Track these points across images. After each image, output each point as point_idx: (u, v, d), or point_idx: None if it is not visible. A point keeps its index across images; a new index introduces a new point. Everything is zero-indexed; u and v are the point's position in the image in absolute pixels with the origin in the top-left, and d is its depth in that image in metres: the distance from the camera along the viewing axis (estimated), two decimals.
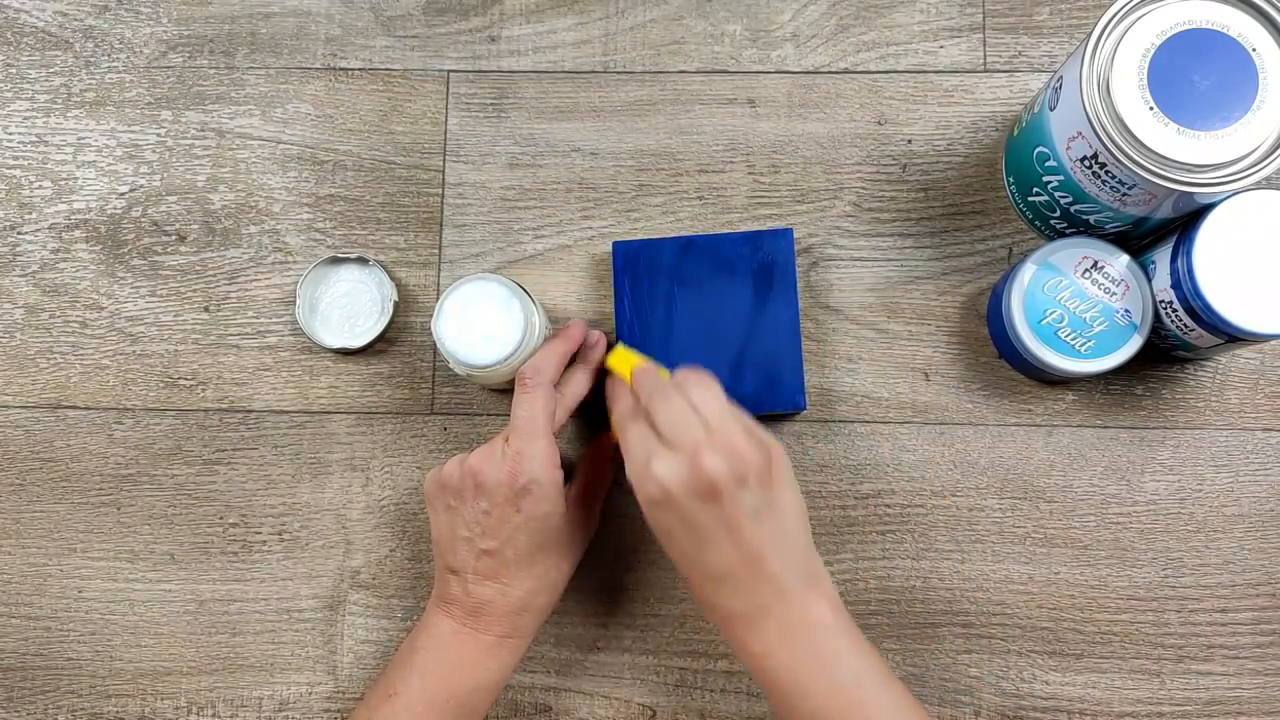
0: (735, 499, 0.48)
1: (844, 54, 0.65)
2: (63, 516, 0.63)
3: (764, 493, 0.49)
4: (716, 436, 0.48)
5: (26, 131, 0.66)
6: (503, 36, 0.66)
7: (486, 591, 0.53)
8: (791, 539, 0.50)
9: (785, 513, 0.50)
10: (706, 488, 0.47)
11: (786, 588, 0.49)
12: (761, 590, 0.49)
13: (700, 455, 0.47)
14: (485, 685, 0.54)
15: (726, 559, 0.48)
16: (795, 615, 0.49)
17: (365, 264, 0.64)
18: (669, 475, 0.48)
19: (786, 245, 0.61)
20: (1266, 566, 0.60)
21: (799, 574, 0.49)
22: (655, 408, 0.51)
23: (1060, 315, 0.57)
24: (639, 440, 0.50)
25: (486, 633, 0.53)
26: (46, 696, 0.62)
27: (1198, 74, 0.51)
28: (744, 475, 0.48)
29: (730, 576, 0.49)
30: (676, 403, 0.50)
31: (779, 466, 0.50)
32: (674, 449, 0.49)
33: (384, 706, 0.53)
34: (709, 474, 0.47)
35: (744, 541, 0.48)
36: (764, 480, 0.49)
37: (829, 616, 0.49)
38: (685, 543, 0.49)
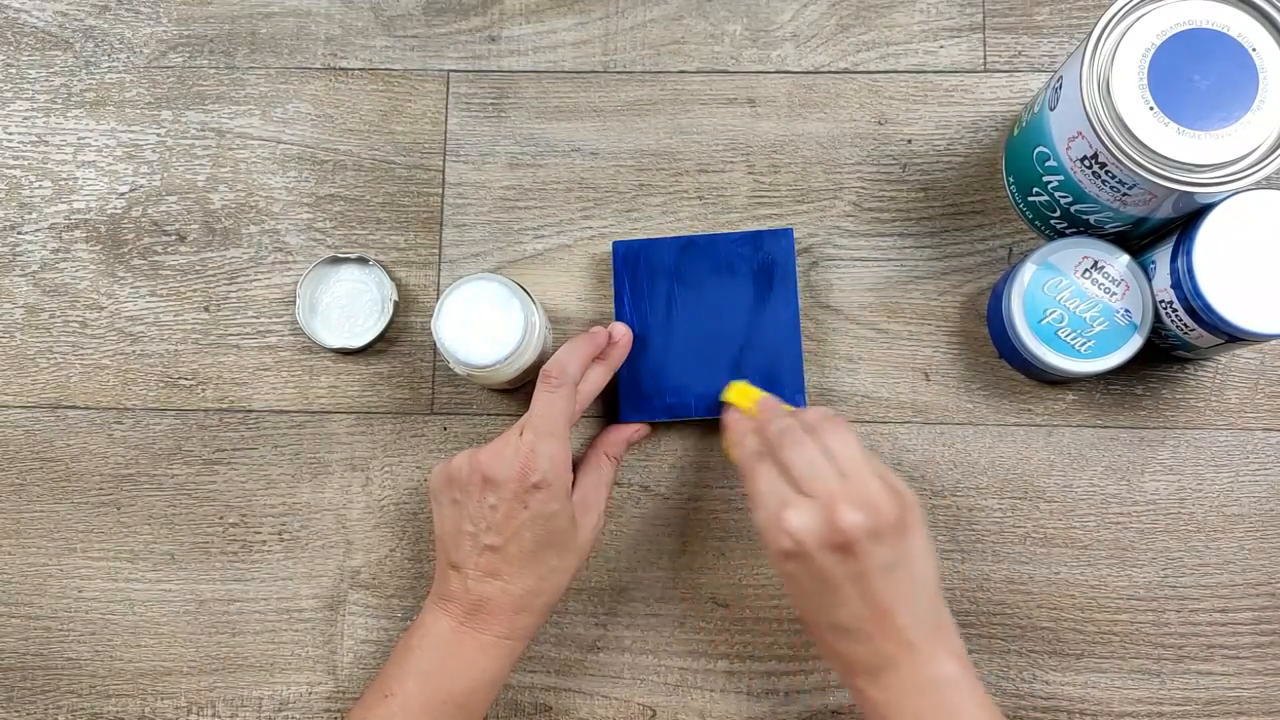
0: (869, 554, 0.47)
1: (844, 54, 0.65)
2: (63, 516, 0.63)
3: (898, 546, 0.47)
4: (853, 488, 0.47)
5: (26, 131, 0.66)
6: (503, 36, 0.66)
7: (487, 589, 0.53)
8: (921, 591, 0.49)
9: (917, 566, 0.48)
10: (841, 542, 0.46)
11: (914, 641, 0.48)
12: (889, 643, 0.48)
13: (836, 508, 0.46)
14: (482, 686, 0.54)
15: (856, 613, 0.48)
16: (921, 670, 0.48)
17: (365, 264, 0.64)
18: (803, 527, 0.47)
19: (786, 245, 0.61)
20: (1266, 566, 0.60)
21: (927, 627, 0.48)
22: (787, 452, 0.50)
23: (1060, 315, 0.57)
24: (771, 487, 0.49)
25: (484, 632, 0.53)
26: (46, 696, 0.62)
27: (1198, 74, 0.51)
28: (879, 530, 0.47)
29: (858, 629, 0.48)
30: (809, 448, 0.49)
31: (913, 518, 0.49)
32: (808, 499, 0.48)
33: (379, 707, 0.53)
34: (845, 529, 0.46)
35: (875, 596, 0.47)
36: (899, 533, 0.47)
37: (955, 672, 0.48)
38: (814, 594, 0.49)
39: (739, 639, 0.61)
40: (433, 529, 0.62)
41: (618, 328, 0.59)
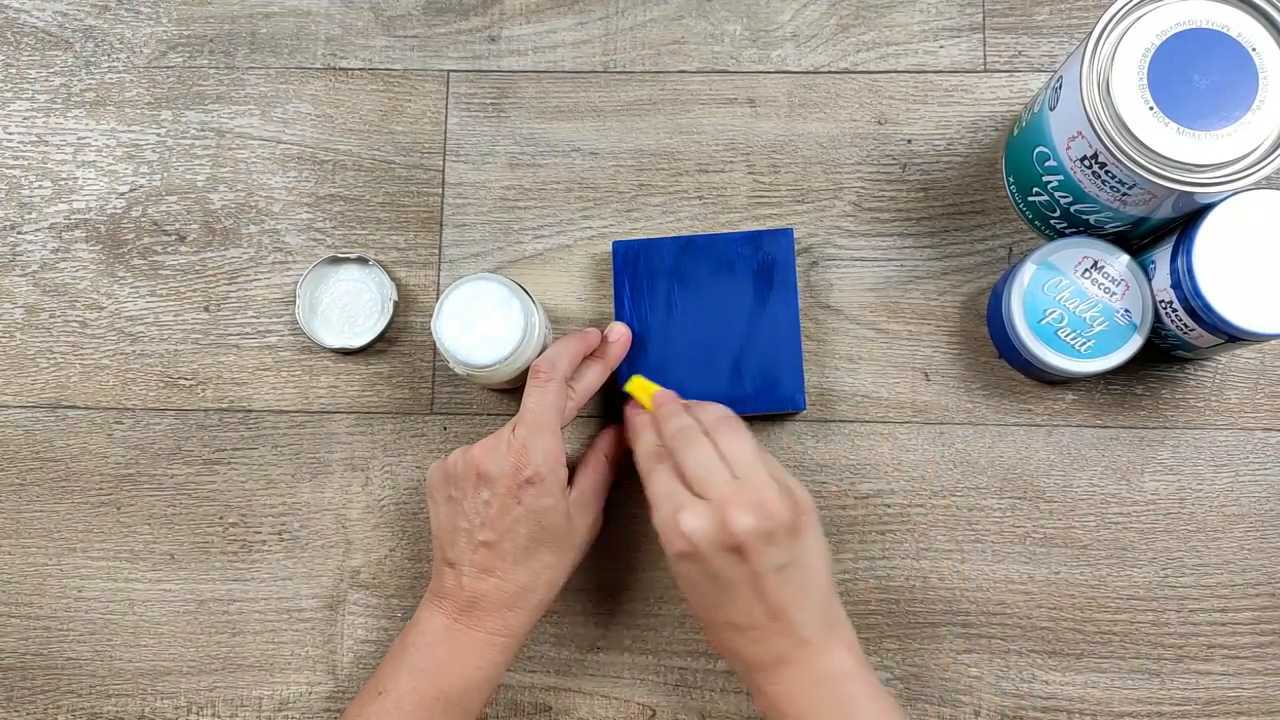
0: (761, 555, 0.47)
1: (844, 54, 0.65)
2: (63, 516, 0.63)
3: (790, 547, 0.48)
4: (746, 490, 0.48)
5: (26, 131, 0.66)
6: (503, 36, 0.66)
7: (481, 585, 0.53)
8: (815, 591, 0.50)
9: (810, 564, 0.49)
10: (734, 544, 0.47)
11: (807, 637, 0.49)
12: (782, 640, 0.49)
13: (729, 511, 0.47)
14: (477, 684, 0.54)
15: (749, 612, 0.49)
16: (815, 663, 0.49)
17: (365, 264, 0.64)
18: (696, 529, 0.48)
19: (786, 245, 0.61)
20: (1266, 566, 0.60)
21: (820, 623, 0.49)
22: (682, 453, 0.51)
23: (1060, 315, 0.57)
24: (665, 489, 0.50)
25: (478, 629, 0.53)
26: (46, 696, 0.62)
27: (1198, 74, 0.51)
28: (772, 532, 0.48)
29: (751, 628, 0.49)
30: (704, 450, 0.50)
31: (807, 519, 0.49)
32: (703, 502, 0.48)
33: (373, 704, 0.53)
34: (737, 532, 0.47)
35: (768, 596, 0.48)
36: (791, 535, 0.48)
37: (849, 664, 0.49)
38: (708, 594, 0.49)
39: None
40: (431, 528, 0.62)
41: (616, 327, 0.60)
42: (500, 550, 0.53)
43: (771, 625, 0.49)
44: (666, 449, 0.52)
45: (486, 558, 0.53)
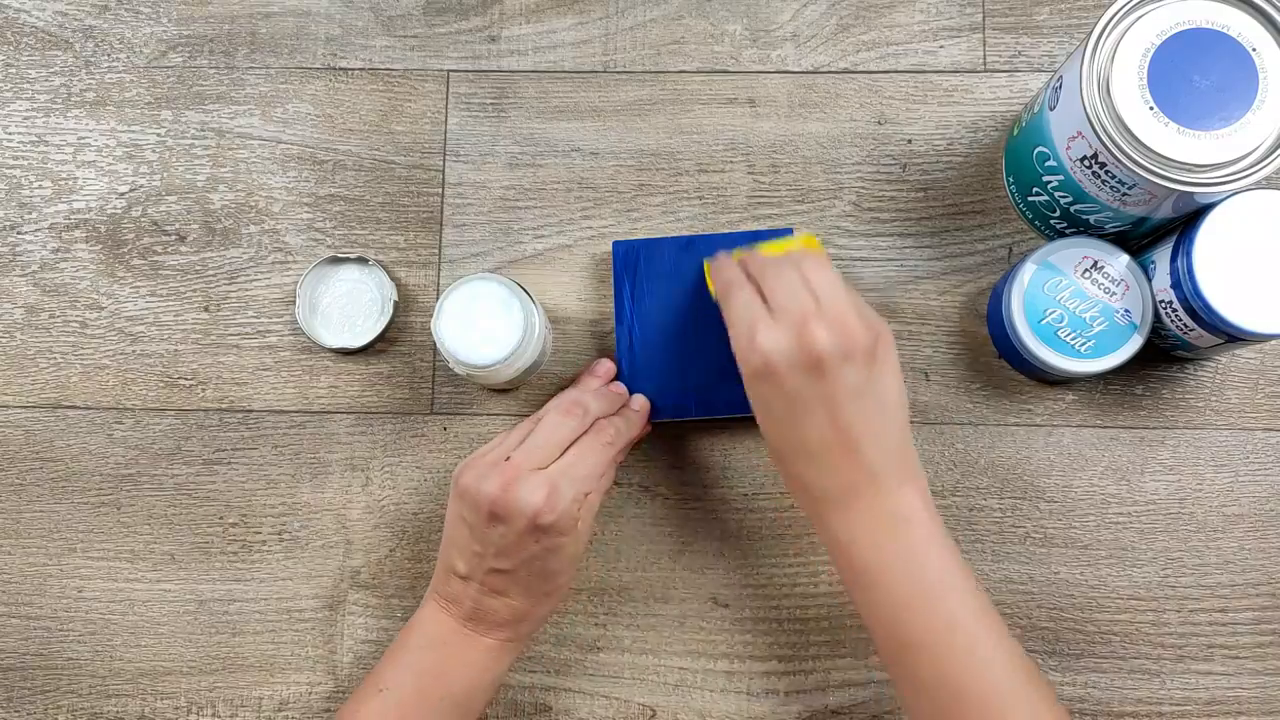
0: (838, 375, 0.47)
1: (844, 54, 0.65)
2: (63, 516, 0.63)
3: (868, 373, 0.47)
4: (826, 310, 0.47)
5: (26, 131, 0.66)
6: (503, 36, 0.66)
7: (492, 602, 0.53)
8: (890, 425, 0.49)
9: (886, 396, 0.48)
10: (811, 361, 0.47)
11: (879, 473, 0.48)
12: (854, 472, 0.48)
13: (807, 326, 0.47)
14: (481, 687, 0.54)
15: (822, 435, 0.48)
16: (885, 503, 0.48)
17: (365, 264, 0.64)
18: (774, 346, 0.47)
19: None
20: (1266, 566, 0.60)
21: (894, 461, 0.48)
22: (766, 276, 0.50)
23: (1060, 315, 0.57)
24: (745, 308, 0.49)
25: (486, 635, 0.53)
26: (46, 696, 0.62)
27: (1198, 74, 0.51)
28: (850, 352, 0.47)
29: (824, 454, 0.48)
30: (788, 274, 0.49)
31: (885, 349, 0.49)
32: (781, 320, 0.48)
33: (373, 700, 0.53)
34: (815, 347, 0.46)
35: (842, 419, 0.47)
36: (869, 360, 0.47)
37: (920, 510, 0.48)
38: (782, 416, 0.49)
39: (739, 639, 0.61)
40: (436, 528, 0.62)
41: (636, 400, 0.59)
42: (513, 577, 0.52)
43: (843, 453, 0.48)
44: (751, 277, 0.51)
45: (498, 581, 0.52)
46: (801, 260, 0.50)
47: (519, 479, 0.50)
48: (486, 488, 0.50)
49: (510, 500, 0.50)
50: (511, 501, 0.50)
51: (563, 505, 0.50)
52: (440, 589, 0.54)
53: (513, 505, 0.50)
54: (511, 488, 0.50)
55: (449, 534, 0.54)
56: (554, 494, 0.50)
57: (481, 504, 0.51)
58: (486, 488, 0.50)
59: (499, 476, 0.51)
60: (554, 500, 0.50)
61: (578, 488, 0.51)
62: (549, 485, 0.50)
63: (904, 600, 0.47)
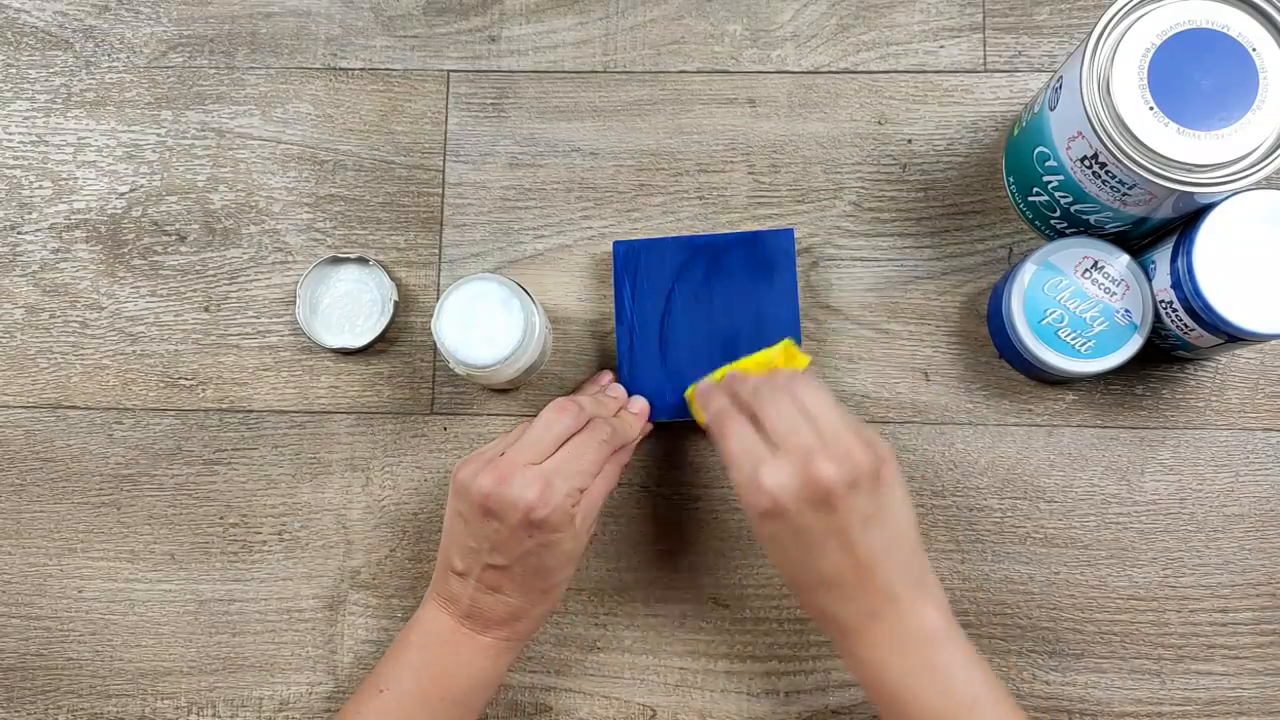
0: (848, 506, 0.46)
1: (844, 54, 0.65)
2: (63, 516, 0.63)
3: (876, 496, 0.47)
4: (828, 441, 0.47)
5: (26, 131, 0.66)
6: (503, 36, 0.66)
7: (488, 599, 0.53)
8: (902, 543, 0.49)
9: (897, 517, 0.48)
10: (820, 496, 0.46)
11: (898, 594, 0.48)
12: (872, 597, 0.48)
13: (813, 463, 0.46)
14: (481, 684, 0.54)
15: (837, 566, 0.47)
16: (907, 622, 0.48)
17: (365, 264, 0.64)
18: (781, 485, 0.47)
19: (787, 245, 0.61)
20: (1266, 566, 0.60)
21: (910, 580, 0.48)
22: (762, 408, 0.49)
23: (1060, 315, 0.57)
24: (745, 446, 0.49)
25: (485, 634, 0.53)
26: (46, 696, 0.62)
27: (1198, 74, 0.51)
28: (856, 481, 0.46)
29: (841, 584, 0.48)
30: (785, 404, 0.49)
31: (889, 470, 0.48)
32: (784, 456, 0.47)
33: (374, 700, 0.53)
34: (823, 482, 0.46)
35: (855, 548, 0.47)
36: (875, 485, 0.47)
37: (941, 624, 0.48)
38: (794, 551, 0.48)
39: (739, 639, 0.61)
40: (436, 528, 0.62)
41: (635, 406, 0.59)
42: (510, 573, 0.52)
43: (860, 580, 0.47)
44: (742, 407, 0.51)
45: (494, 578, 0.52)
46: (793, 384, 0.50)
47: (511, 474, 0.50)
48: (480, 483, 0.51)
49: (503, 495, 0.50)
50: (504, 496, 0.50)
51: (555, 501, 0.50)
52: (439, 588, 0.55)
53: (505, 500, 0.50)
54: (504, 483, 0.50)
55: (447, 531, 0.54)
56: (546, 490, 0.50)
57: (475, 499, 0.51)
58: (480, 483, 0.51)
59: (492, 472, 0.51)
60: (546, 496, 0.50)
61: (571, 483, 0.51)
62: (541, 481, 0.50)
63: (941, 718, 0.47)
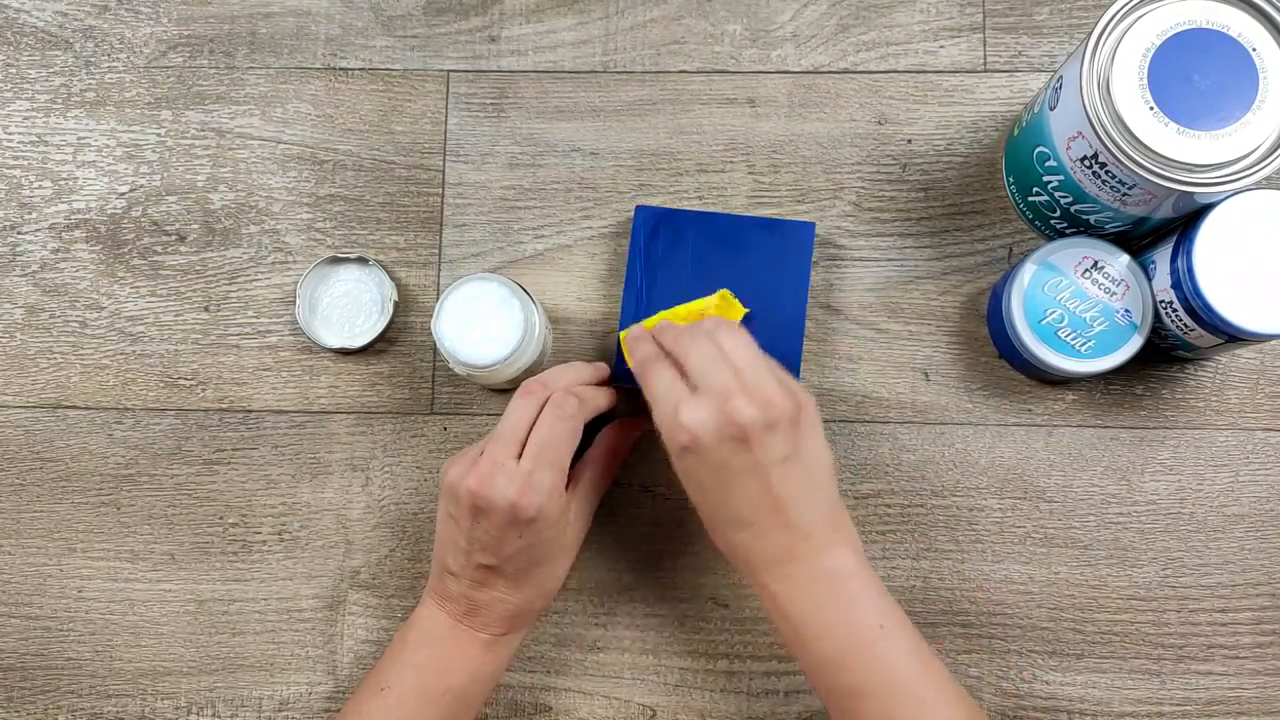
0: (765, 445, 0.47)
1: (844, 54, 0.65)
2: (63, 516, 0.63)
3: (793, 441, 0.48)
4: (748, 383, 0.48)
5: (26, 131, 0.66)
6: (503, 36, 0.66)
7: (482, 596, 0.53)
8: (818, 487, 0.50)
9: (813, 462, 0.49)
10: (737, 434, 0.47)
11: (810, 534, 0.49)
12: (786, 535, 0.49)
13: (731, 401, 0.47)
14: (480, 680, 0.54)
15: (753, 504, 0.48)
16: (818, 561, 0.49)
17: (365, 264, 0.64)
18: (699, 422, 0.48)
19: (807, 239, 0.61)
20: (1266, 566, 0.60)
21: (824, 522, 0.49)
22: (684, 352, 0.50)
23: (1060, 315, 0.57)
24: (667, 386, 0.50)
25: (483, 631, 0.54)
26: (46, 696, 0.62)
27: (1198, 74, 0.51)
28: (774, 422, 0.47)
29: (756, 521, 0.49)
30: (706, 347, 0.50)
31: (808, 415, 0.49)
32: (704, 395, 0.48)
33: (375, 699, 0.53)
34: (740, 420, 0.47)
35: (771, 488, 0.48)
36: (794, 428, 0.48)
37: (851, 563, 0.49)
38: (712, 488, 0.49)
39: (739, 639, 0.61)
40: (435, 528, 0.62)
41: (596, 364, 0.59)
42: (501, 572, 0.52)
43: (775, 519, 0.48)
44: (666, 351, 0.52)
45: (487, 576, 0.53)
46: (716, 331, 0.51)
47: (493, 474, 0.51)
48: (466, 483, 0.51)
49: (488, 495, 0.50)
50: (489, 497, 0.50)
51: (539, 498, 0.51)
52: (436, 587, 0.55)
53: (490, 500, 0.50)
54: (486, 482, 0.51)
55: (439, 532, 0.55)
56: (528, 487, 0.51)
57: (463, 499, 0.51)
58: (466, 483, 0.51)
59: (475, 472, 0.51)
60: (529, 494, 0.50)
61: (551, 475, 0.52)
62: (521, 478, 0.51)
63: (844, 651, 0.48)
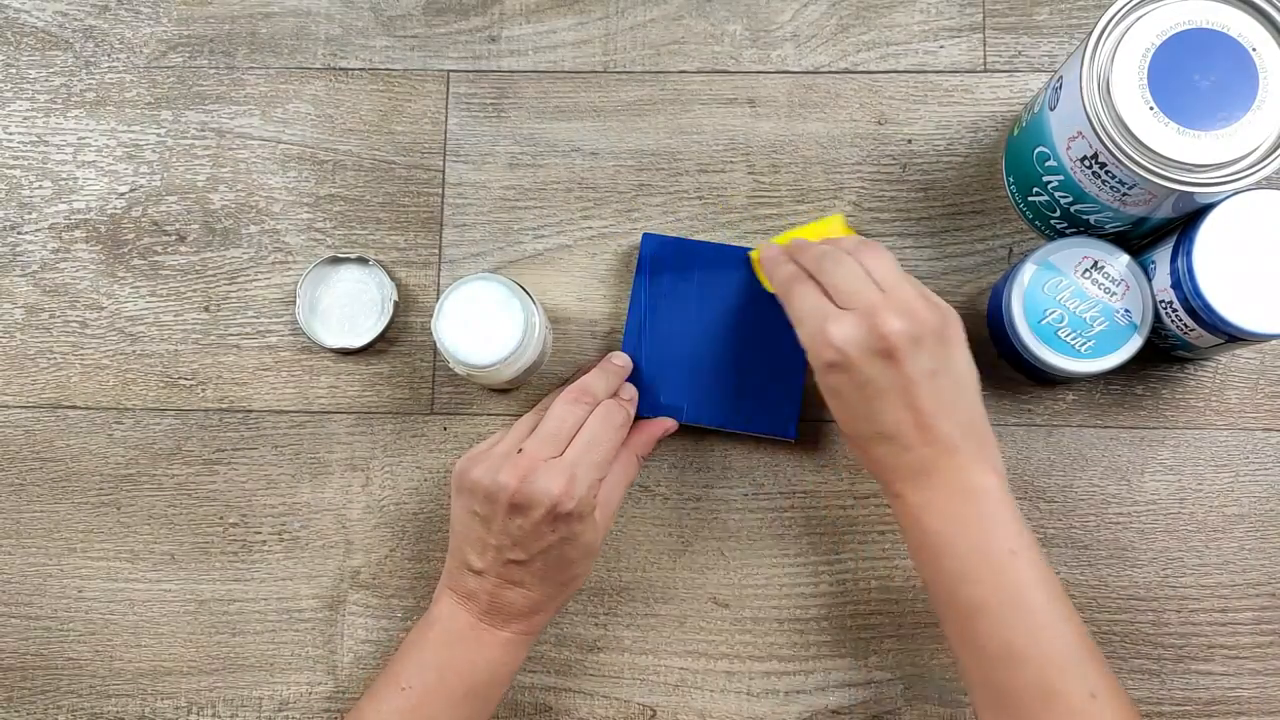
0: (911, 359, 0.48)
1: (844, 54, 0.65)
2: (63, 516, 0.63)
3: (939, 354, 0.48)
4: (893, 298, 0.48)
5: (26, 131, 0.66)
6: (503, 36, 0.66)
7: (508, 594, 0.53)
8: (964, 401, 0.50)
9: (959, 375, 0.49)
10: (884, 348, 0.47)
11: (955, 449, 0.49)
12: (930, 449, 0.49)
13: (878, 316, 0.47)
14: (500, 678, 0.55)
15: (898, 418, 0.48)
16: (960, 477, 0.49)
17: (365, 264, 0.64)
18: (846, 338, 0.48)
19: None
20: (1266, 566, 0.60)
21: (969, 437, 0.49)
22: (827, 270, 0.51)
23: (1060, 315, 0.57)
24: (812, 304, 0.50)
25: (503, 629, 0.54)
26: (46, 696, 0.62)
27: (1198, 74, 0.51)
28: (920, 336, 0.48)
29: (900, 436, 0.49)
30: (849, 265, 0.50)
31: (954, 329, 0.50)
32: (850, 311, 0.48)
33: (396, 699, 0.53)
34: (887, 335, 0.47)
35: (917, 401, 0.48)
36: (940, 341, 0.48)
37: (992, 482, 0.49)
38: (857, 403, 0.49)
39: (739, 639, 0.61)
40: (436, 528, 0.62)
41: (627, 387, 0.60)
42: (530, 568, 0.52)
43: (920, 434, 0.48)
44: (809, 270, 0.52)
45: (515, 573, 0.53)
46: (857, 249, 0.51)
47: (536, 469, 0.51)
48: (504, 479, 0.51)
49: (530, 490, 0.51)
50: (531, 492, 0.51)
51: (580, 492, 0.51)
52: (455, 586, 0.55)
53: (533, 495, 0.51)
54: (530, 478, 0.51)
55: (460, 531, 0.54)
56: (571, 482, 0.51)
57: (499, 496, 0.51)
58: (504, 479, 0.51)
59: (515, 468, 0.51)
60: (572, 488, 0.51)
61: (593, 474, 0.52)
62: (566, 473, 0.51)
63: (972, 567, 0.48)
